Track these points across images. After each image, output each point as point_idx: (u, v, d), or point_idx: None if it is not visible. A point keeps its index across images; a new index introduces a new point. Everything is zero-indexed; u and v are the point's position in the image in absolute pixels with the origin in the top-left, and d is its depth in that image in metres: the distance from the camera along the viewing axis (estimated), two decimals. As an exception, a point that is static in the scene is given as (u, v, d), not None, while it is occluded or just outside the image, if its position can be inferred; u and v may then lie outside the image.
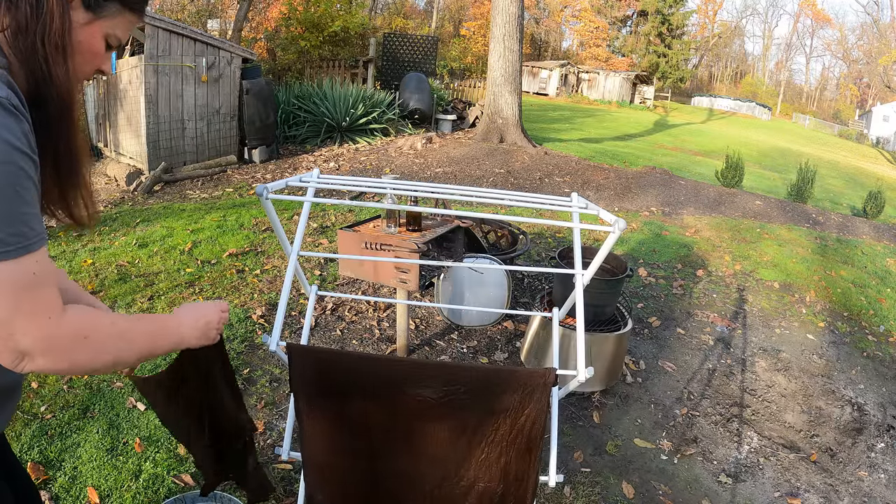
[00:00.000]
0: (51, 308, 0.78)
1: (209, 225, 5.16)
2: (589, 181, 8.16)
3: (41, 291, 0.77)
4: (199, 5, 15.17)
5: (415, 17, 35.30)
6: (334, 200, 1.39)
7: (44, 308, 0.77)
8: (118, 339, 0.88)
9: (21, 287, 0.75)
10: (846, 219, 7.97)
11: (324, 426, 1.35)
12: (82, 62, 0.87)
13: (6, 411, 0.98)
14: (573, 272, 1.49)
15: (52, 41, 0.79)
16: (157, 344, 0.96)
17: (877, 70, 49.64)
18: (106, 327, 0.86)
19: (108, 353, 0.86)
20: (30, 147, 0.75)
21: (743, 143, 18.73)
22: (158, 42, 6.91)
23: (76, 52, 0.85)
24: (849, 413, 3.16)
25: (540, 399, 1.25)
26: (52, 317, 0.78)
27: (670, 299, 4.35)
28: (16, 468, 1.15)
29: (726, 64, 63.92)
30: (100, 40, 0.88)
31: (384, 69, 12.76)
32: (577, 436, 2.70)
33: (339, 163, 8.33)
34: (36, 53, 0.79)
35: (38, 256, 0.77)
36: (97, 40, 0.87)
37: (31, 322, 0.76)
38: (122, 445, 2.34)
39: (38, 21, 0.78)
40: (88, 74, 0.91)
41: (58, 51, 0.81)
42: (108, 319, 0.88)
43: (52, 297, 0.79)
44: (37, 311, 0.76)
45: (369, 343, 3.37)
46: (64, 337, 0.80)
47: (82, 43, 0.85)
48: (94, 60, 0.89)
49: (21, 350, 0.76)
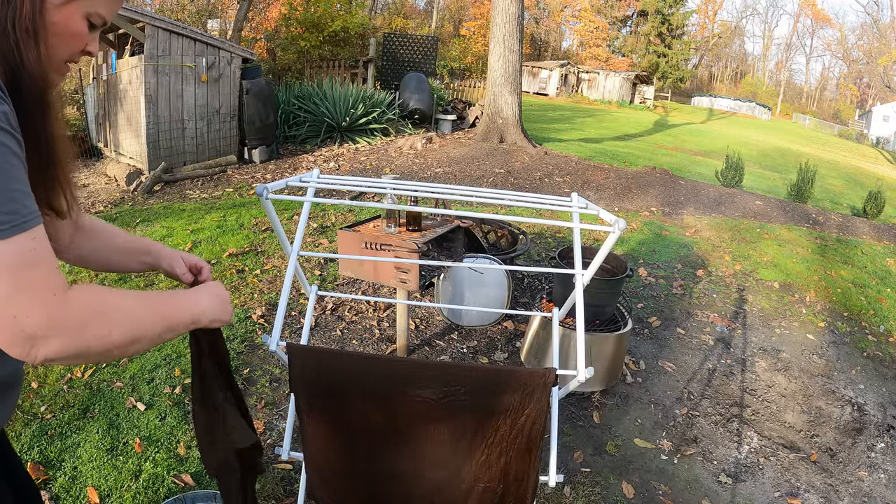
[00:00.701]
0: (54, 285, 0.74)
1: (209, 225, 5.16)
2: (589, 181, 8.16)
3: (40, 268, 0.73)
4: (199, 5, 15.16)
5: (415, 17, 35.31)
6: (334, 200, 1.39)
7: (45, 285, 0.73)
8: (133, 310, 0.83)
9: (19, 266, 0.71)
10: (846, 219, 7.97)
11: (324, 426, 1.35)
12: (60, 44, 0.83)
13: (6, 406, 0.97)
14: (573, 272, 1.49)
15: (23, 25, 0.76)
16: (176, 314, 0.92)
17: (877, 70, 49.64)
18: (117, 299, 0.82)
19: (123, 326, 0.81)
20: (11, 125, 0.72)
21: (743, 143, 18.74)
22: (158, 42, 6.91)
23: (51, 35, 0.81)
24: (849, 413, 3.16)
25: (540, 399, 1.25)
26: (57, 293, 0.74)
27: (670, 299, 4.35)
28: (16, 467, 1.15)
29: (726, 64, 63.93)
30: (79, 21, 0.83)
31: (384, 69, 12.76)
32: (577, 436, 2.70)
33: (339, 163, 8.33)
34: (7, 38, 0.76)
35: (35, 233, 0.73)
36: (76, 21, 0.83)
37: (33, 300, 0.72)
38: (122, 445, 2.34)
39: (9, 4, 0.76)
40: (71, 57, 0.86)
41: (28, 35, 0.77)
42: (117, 293, 0.83)
43: (53, 274, 0.75)
44: (38, 288, 0.72)
45: (369, 343, 3.37)
46: (72, 313, 0.75)
47: (58, 24, 0.81)
48: (74, 42, 0.84)
49: (29, 334, 0.71)
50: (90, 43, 0.88)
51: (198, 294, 1.02)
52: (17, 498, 1.12)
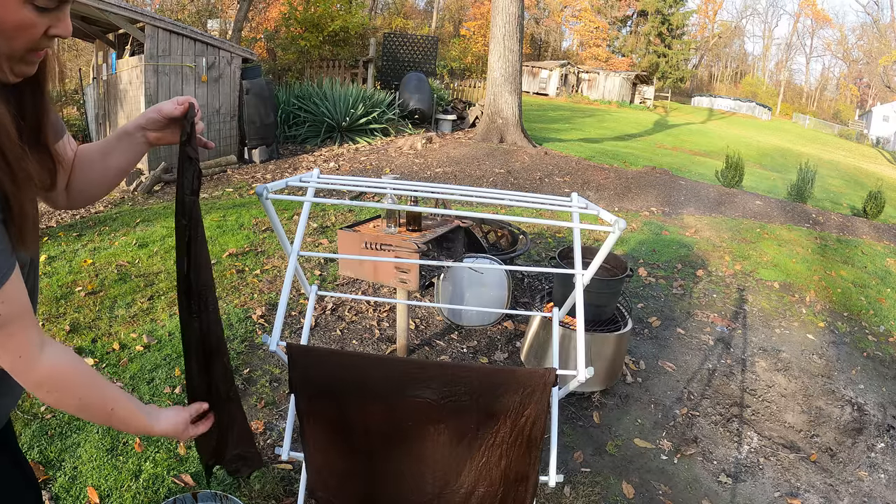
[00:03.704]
0: (21, 348, 0.78)
1: (209, 225, 5.16)
2: (589, 181, 8.16)
3: (9, 330, 0.76)
4: (199, 5, 15.17)
5: (415, 17, 35.31)
6: (334, 200, 1.39)
7: (15, 347, 0.77)
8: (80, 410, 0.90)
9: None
10: (846, 219, 7.97)
11: (324, 426, 1.35)
12: (5, 40, 0.74)
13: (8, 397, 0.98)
14: (573, 272, 1.49)
15: None
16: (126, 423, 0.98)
17: (877, 70, 49.63)
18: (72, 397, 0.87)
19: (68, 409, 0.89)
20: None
21: (743, 143, 18.73)
22: (158, 42, 6.91)
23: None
24: (849, 413, 3.16)
25: (540, 400, 1.25)
26: (23, 357, 0.79)
27: (670, 299, 4.35)
28: (21, 457, 1.16)
29: (726, 64, 63.92)
30: (16, 10, 0.73)
31: (384, 69, 12.76)
32: (577, 436, 2.70)
33: (339, 163, 8.33)
34: None
35: (4, 295, 0.75)
36: (12, 10, 0.73)
37: (2, 357, 0.77)
38: (122, 445, 2.34)
39: None
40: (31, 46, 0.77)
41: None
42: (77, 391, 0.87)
43: (23, 336, 0.78)
44: (8, 349, 0.77)
45: (369, 343, 3.37)
46: (30, 380, 0.81)
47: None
48: (23, 33, 0.75)
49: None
50: (54, 25, 0.78)
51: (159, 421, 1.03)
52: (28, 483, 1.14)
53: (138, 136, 1.08)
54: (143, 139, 1.09)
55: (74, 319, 3.31)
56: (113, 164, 1.09)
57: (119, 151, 1.08)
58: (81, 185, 1.08)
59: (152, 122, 1.07)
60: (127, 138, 1.08)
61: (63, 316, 3.35)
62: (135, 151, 1.09)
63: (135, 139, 1.08)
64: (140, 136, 1.08)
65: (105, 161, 1.09)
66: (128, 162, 1.10)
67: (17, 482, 1.10)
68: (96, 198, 1.14)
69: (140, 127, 1.07)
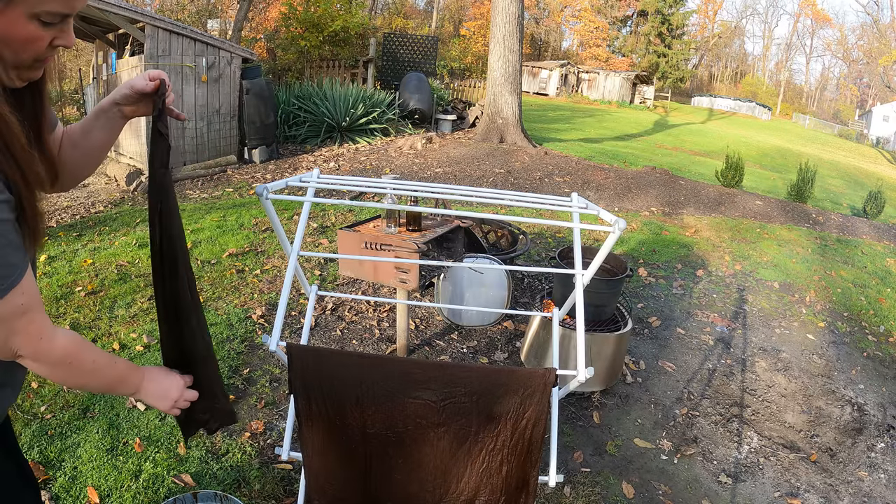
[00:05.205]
0: (41, 331, 0.89)
1: (209, 225, 5.16)
2: (589, 181, 8.16)
3: (30, 317, 0.87)
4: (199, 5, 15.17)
5: (415, 17, 35.31)
6: (334, 200, 1.39)
7: (36, 331, 0.88)
8: (91, 374, 1.00)
9: (12, 318, 0.84)
10: (846, 219, 7.97)
11: (323, 427, 1.34)
12: (11, 51, 0.79)
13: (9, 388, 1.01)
14: (573, 272, 1.49)
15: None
16: (117, 390, 1.09)
17: (877, 70, 49.62)
18: (87, 362, 0.98)
19: (80, 378, 1.00)
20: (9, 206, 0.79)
21: (743, 143, 18.73)
22: (158, 42, 6.91)
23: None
24: (849, 413, 3.16)
25: (540, 401, 1.25)
26: (44, 338, 0.90)
27: (670, 299, 4.35)
28: (21, 457, 1.17)
29: (726, 64, 63.90)
30: (24, 25, 0.77)
31: (384, 69, 12.76)
32: (577, 436, 2.70)
33: (339, 163, 8.33)
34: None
35: (23, 287, 0.84)
36: (20, 26, 0.77)
37: (26, 342, 0.87)
38: (122, 445, 2.34)
39: None
40: (36, 56, 0.82)
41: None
42: (90, 355, 0.99)
43: (41, 320, 0.89)
44: (31, 333, 0.87)
45: (369, 343, 3.37)
46: (52, 357, 0.92)
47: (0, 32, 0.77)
48: (28, 46, 0.80)
49: (18, 356, 0.90)
50: (58, 37, 0.83)
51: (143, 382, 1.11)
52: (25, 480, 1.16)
53: (114, 111, 1.11)
54: (119, 114, 1.12)
55: (74, 319, 3.31)
56: (95, 142, 1.14)
57: (98, 128, 1.13)
58: (68, 166, 1.12)
59: (125, 98, 1.10)
60: (104, 115, 1.12)
61: (63, 316, 3.35)
62: (112, 126, 1.14)
63: (111, 114, 1.12)
64: (116, 112, 1.12)
65: (87, 140, 1.13)
66: (108, 137, 1.15)
67: (14, 481, 1.11)
68: (83, 177, 1.19)
69: (114, 102, 1.11)
